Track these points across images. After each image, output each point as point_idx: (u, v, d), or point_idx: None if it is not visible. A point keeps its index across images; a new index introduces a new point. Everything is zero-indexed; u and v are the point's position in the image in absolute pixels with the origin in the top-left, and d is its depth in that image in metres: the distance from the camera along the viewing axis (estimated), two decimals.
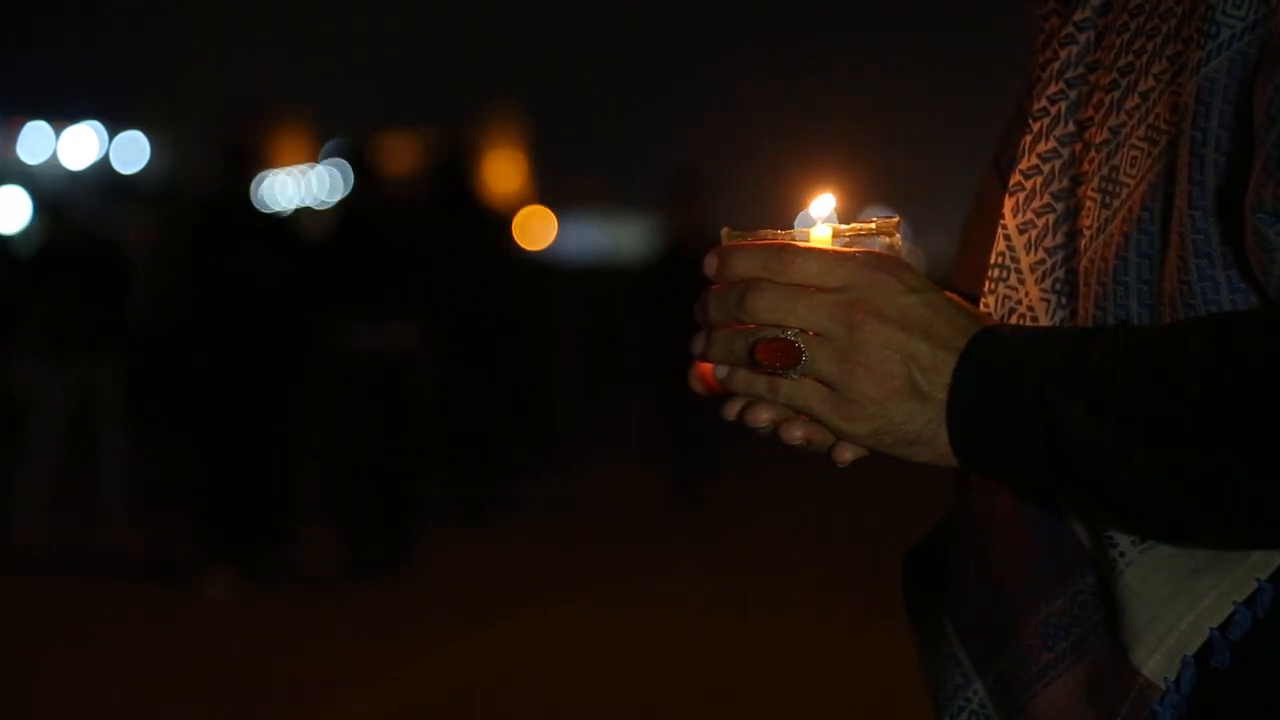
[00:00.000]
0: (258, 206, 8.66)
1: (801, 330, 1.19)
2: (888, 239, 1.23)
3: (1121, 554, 1.19)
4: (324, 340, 7.85)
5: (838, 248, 1.22)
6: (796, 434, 1.21)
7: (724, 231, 1.24)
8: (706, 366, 1.24)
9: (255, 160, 8.41)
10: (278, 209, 15.15)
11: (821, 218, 1.24)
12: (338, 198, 9.77)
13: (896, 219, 1.24)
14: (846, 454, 1.22)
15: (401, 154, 8.69)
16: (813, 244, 1.22)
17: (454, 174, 9.64)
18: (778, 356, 1.19)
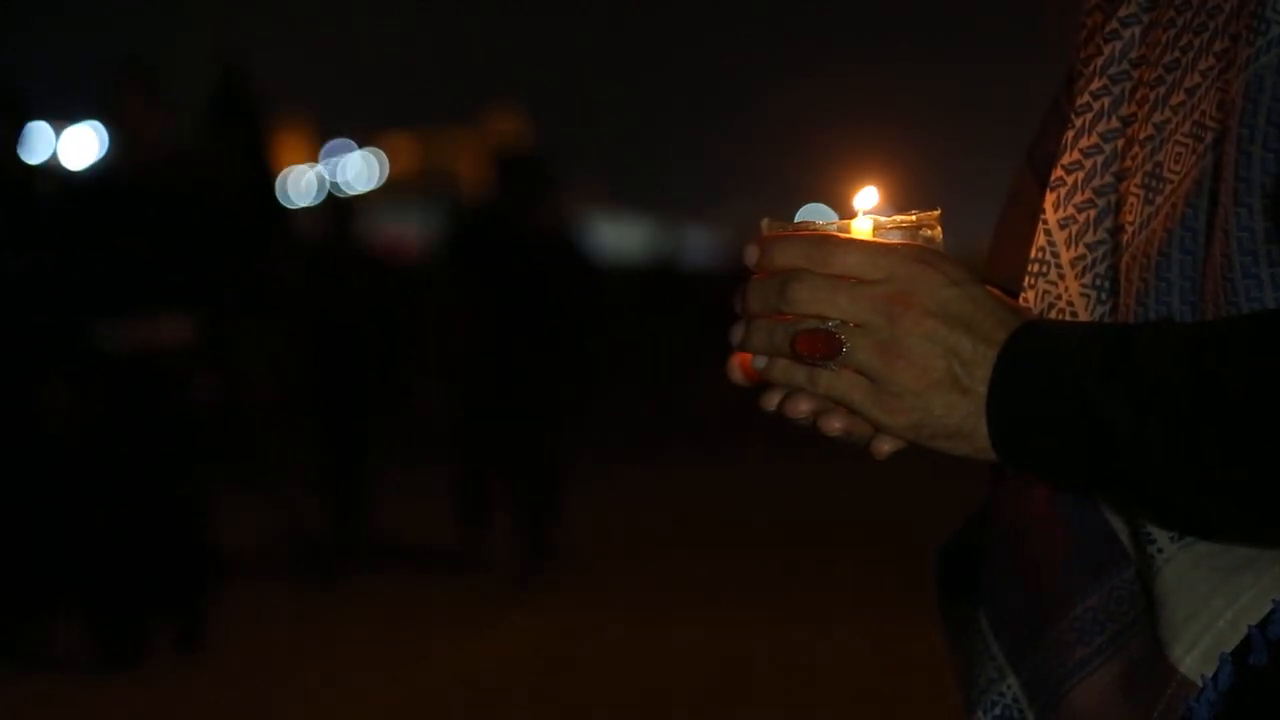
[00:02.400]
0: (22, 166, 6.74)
1: (842, 321, 1.19)
2: (929, 232, 1.23)
3: (1160, 550, 1.18)
4: (70, 343, 6.09)
5: (879, 239, 1.22)
6: (835, 425, 1.21)
7: (764, 222, 1.24)
8: (745, 356, 1.24)
9: (21, 110, 6.77)
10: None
11: (863, 209, 1.24)
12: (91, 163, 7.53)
13: (938, 211, 1.24)
14: (885, 446, 1.22)
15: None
16: (854, 236, 1.22)
17: (247, 130, 8.08)
18: (818, 347, 1.19)
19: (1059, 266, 1.27)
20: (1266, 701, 1.17)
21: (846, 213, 1.25)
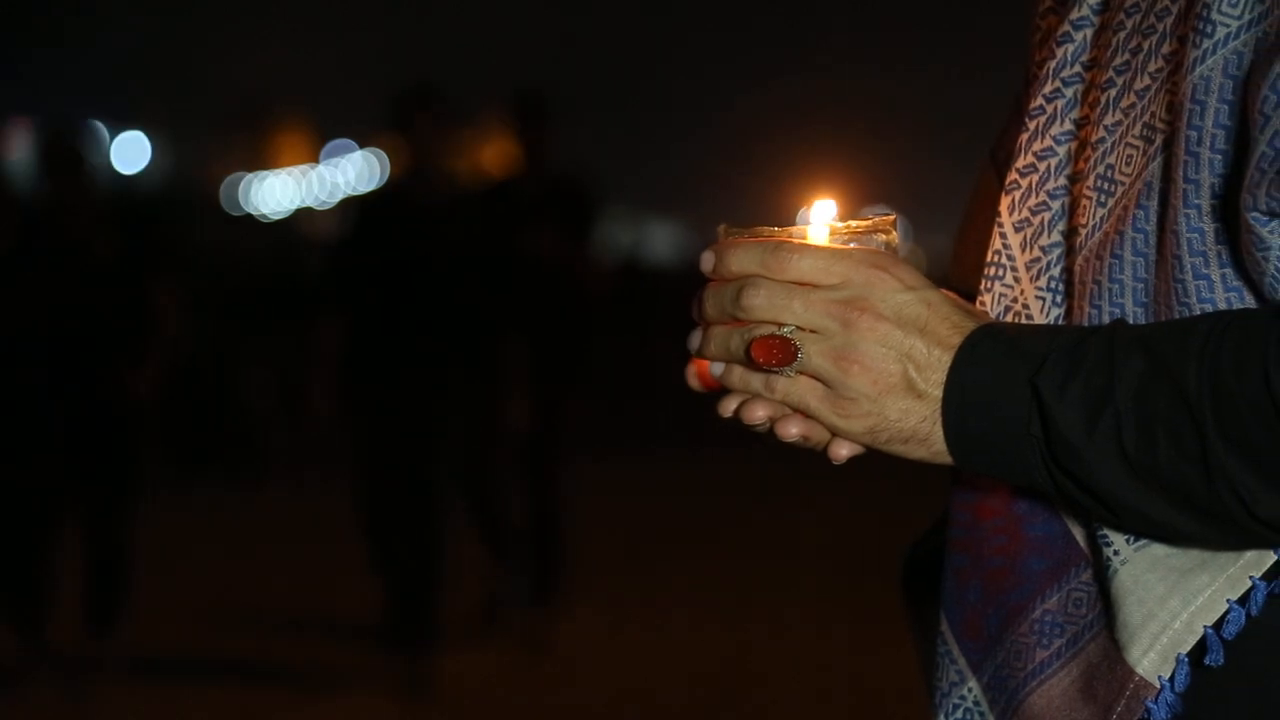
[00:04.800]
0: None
1: (797, 327, 1.19)
2: (884, 236, 1.23)
3: (1116, 552, 1.19)
4: None
5: (834, 245, 1.22)
6: (792, 431, 1.22)
7: (721, 228, 1.25)
8: (703, 363, 1.25)
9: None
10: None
11: (820, 219, 1.24)
12: None
13: (893, 216, 1.24)
14: (842, 451, 1.22)
15: None
16: (809, 241, 1.22)
17: None
18: (774, 354, 1.19)
19: (1014, 269, 1.28)
20: (1223, 701, 1.18)
21: (844, 210, 1.25)
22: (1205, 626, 1.16)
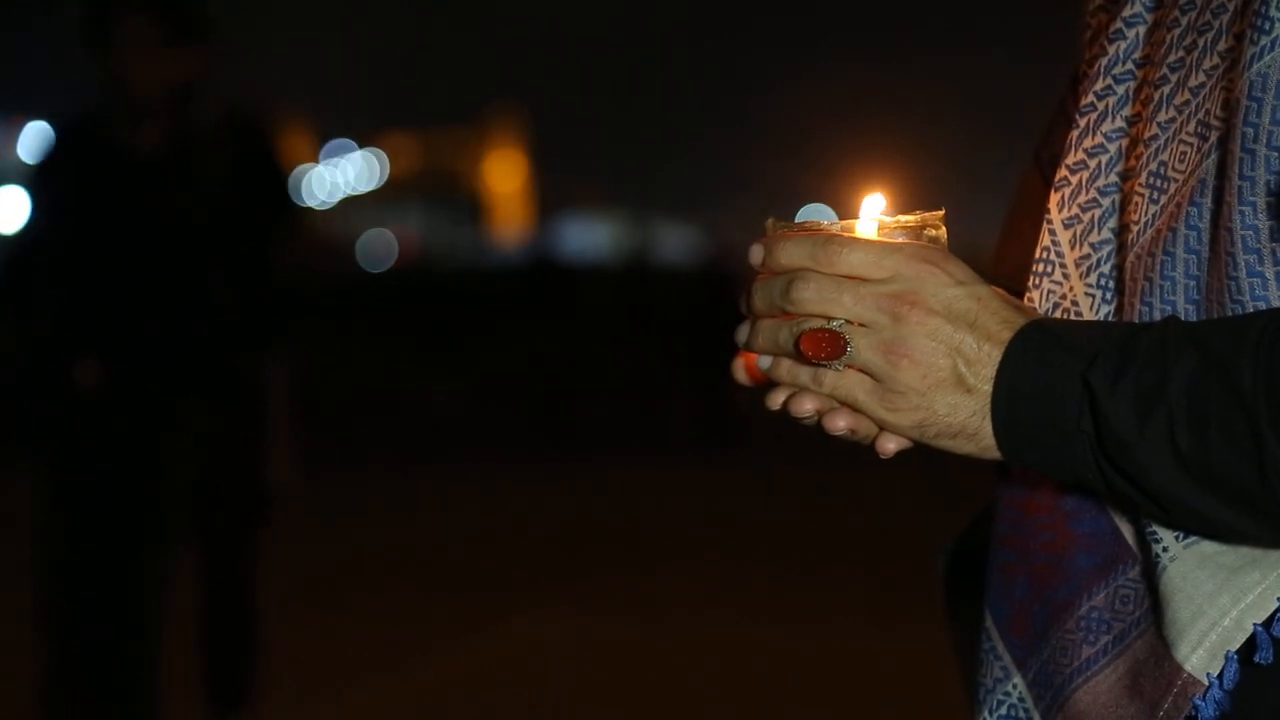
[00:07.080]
0: None
1: (846, 321, 1.19)
2: (933, 231, 1.23)
3: (1165, 549, 1.19)
4: None
5: (884, 239, 1.22)
6: (840, 424, 1.22)
7: (769, 222, 1.25)
8: (750, 356, 1.25)
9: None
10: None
11: (868, 215, 1.24)
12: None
13: (942, 211, 1.24)
14: (890, 445, 1.22)
15: None
16: (859, 235, 1.22)
17: None
18: (822, 347, 1.19)
19: (1063, 266, 1.28)
20: (1272, 699, 1.17)
21: (848, 213, 1.25)
22: (1255, 624, 1.16)
